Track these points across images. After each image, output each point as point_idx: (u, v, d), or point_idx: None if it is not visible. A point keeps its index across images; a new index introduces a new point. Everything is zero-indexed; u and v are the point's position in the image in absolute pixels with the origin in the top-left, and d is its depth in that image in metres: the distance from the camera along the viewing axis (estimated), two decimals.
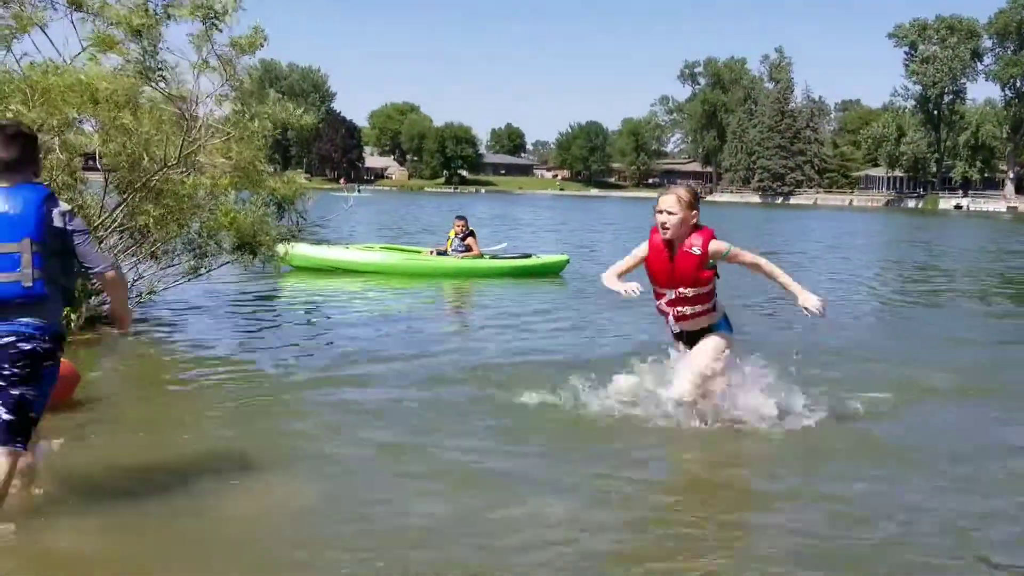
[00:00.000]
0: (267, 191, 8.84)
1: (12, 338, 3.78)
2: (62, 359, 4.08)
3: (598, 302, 11.97)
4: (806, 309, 5.73)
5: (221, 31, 7.91)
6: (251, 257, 8.93)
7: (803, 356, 6.66)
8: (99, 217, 8.32)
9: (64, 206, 3.93)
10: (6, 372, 3.79)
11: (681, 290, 5.82)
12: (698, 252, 5.73)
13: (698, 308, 5.89)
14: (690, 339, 6.00)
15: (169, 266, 9.22)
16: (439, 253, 15.74)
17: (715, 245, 5.78)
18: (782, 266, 6.05)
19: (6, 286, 3.76)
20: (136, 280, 9.06)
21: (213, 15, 7.76)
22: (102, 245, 8.75)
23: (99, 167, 8.29)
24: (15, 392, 3.80)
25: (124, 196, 8.32)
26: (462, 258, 15.53)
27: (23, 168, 3.92)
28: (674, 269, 5.81)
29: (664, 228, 5.74)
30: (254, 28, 8.29)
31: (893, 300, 15.01)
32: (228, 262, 9.23)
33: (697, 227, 5.82)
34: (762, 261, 5.92)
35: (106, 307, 9.03)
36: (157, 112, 7.85)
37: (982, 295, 15.87)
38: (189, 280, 9.41)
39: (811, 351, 7.90)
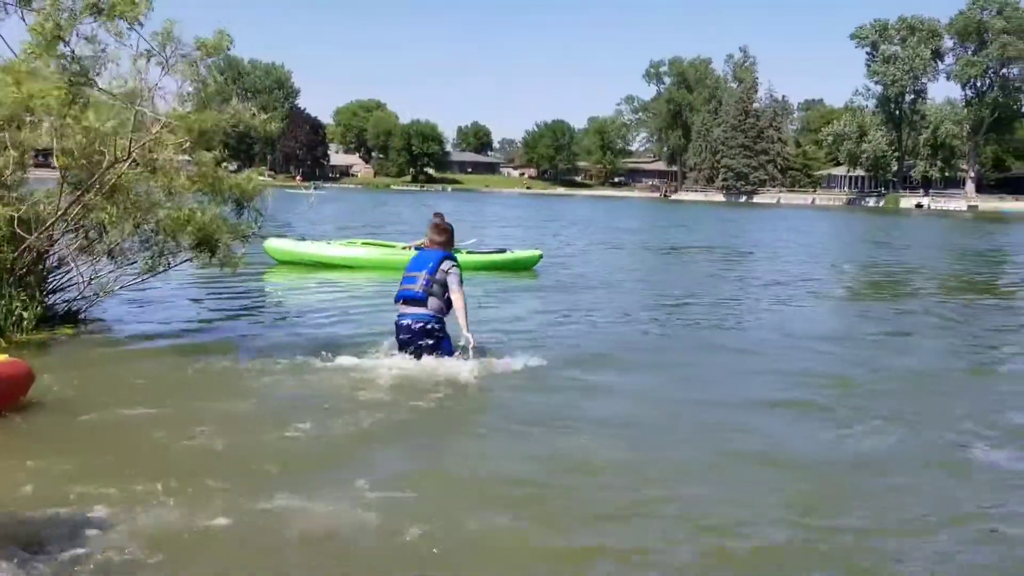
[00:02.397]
0: (226, 189, 8.72)
1: (419, 323, 7.37)
2: (15, 358, 5.31)
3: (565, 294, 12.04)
4: None
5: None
6: (209, 255, 8.83)
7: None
8: (54, 215, 8.17)
9: (451, 263, 7.51)
10: (423, 339, 7.36)
11: None
12: None
13: None
14: None
15: (126, 264, 9.09)
16: (417, 248, 16.01)
17: None
18: None
19: (411, 291, 7.44)
20: (91, 279, 8.93)
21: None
22: (57, 243, 8.64)
23: (53, 164, 8.15)
24: (436, 347, 7.41)
25: (79, 194, 8.17)
26: None
27: (444, 245, 7.78)
28: None
29: None
30: (219, 32, 8.05)
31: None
32: (187, 260, 9.15)
33: None
34: None
35: (60, 304, 8.91)
36: (114, 109, 7.70)
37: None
38: (145, 279, 9.27)
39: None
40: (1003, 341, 10.68)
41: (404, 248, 16.47)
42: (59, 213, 8.19)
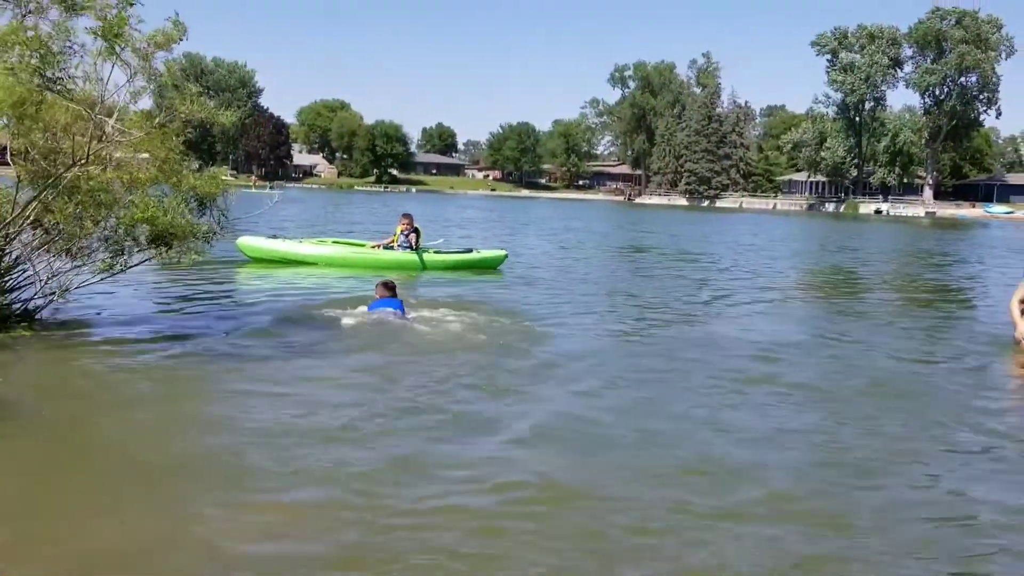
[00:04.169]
0: (187, 187, 8.60)
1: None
2: None
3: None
4: None
5: (123, 47, 7.44)
6: (166, 250, 8.71)
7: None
8: (11, 213, 8.01)
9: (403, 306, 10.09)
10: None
11: None
12: None
13: None
14: None
15: (84, 264, 8.92)
16: (386, 247, 17.00)
17: None
18: None
19: (399, 304, 9.97)
20: (50, 278, 8.76)
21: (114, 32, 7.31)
22: (14, 242, 8.46)
23: (9, 161, 7.98)
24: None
25: (37, 191, 8.01)
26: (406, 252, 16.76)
27: (394, 295, 10.14)
28: None
29: None
30: (173, 21, 7.79)
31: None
32: (145, 260, 9.01)
33: None
34: None
35: (16, 305, 8.74)
36: (70, 106, 7.54)
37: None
38: (103, 279, 9.11)
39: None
40: (949, 345, 10.86)
41: (373, 247, 17.09)
42: (15, 212, 8.04)
